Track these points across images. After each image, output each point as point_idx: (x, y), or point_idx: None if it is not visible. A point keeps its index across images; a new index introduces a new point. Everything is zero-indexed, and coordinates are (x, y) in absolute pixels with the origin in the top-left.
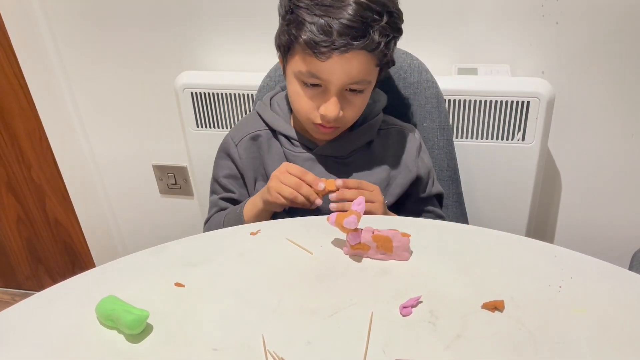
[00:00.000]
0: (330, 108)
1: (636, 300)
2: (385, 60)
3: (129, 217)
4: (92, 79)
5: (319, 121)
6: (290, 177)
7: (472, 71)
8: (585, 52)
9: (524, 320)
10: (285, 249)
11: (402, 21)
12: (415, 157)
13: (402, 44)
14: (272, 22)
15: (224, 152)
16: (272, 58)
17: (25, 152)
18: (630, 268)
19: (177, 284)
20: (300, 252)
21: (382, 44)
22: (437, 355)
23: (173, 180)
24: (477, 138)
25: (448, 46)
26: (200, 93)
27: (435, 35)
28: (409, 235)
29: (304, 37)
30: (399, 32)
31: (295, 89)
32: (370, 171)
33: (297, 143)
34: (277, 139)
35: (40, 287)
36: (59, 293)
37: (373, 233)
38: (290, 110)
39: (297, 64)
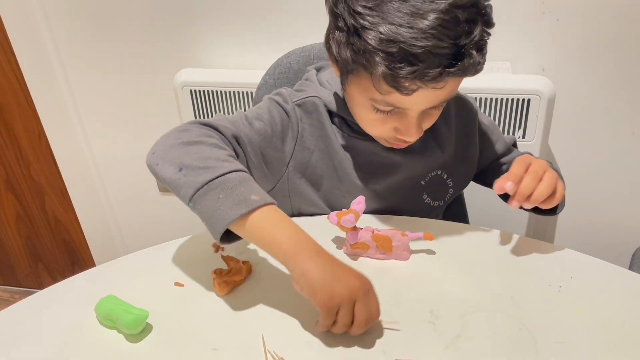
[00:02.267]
0: (412, 132)
1: (636, 300)
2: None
3: (128, 215)
4: (91, 77)
5: (394, 141)
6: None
7: None
8: (586, 50)
9: (524, 320)
10: None
11: (491, 11)
12: (477, 128)
13: None
14: (272, 20)
15: (279, 103)
16: (272, 55)
17: (24, 150)
18: (631, 266)
19: (177, 284)
20: None
21: (482, 60)
22: (437, 355)
23: None
24: None
25: None
26: (199, 91)
27: None
28: (407, 235)
29: (380, 69)
30: (491, 26)
31: (363, 111)
32: (438, 149)
33: (355, 126)
34: (331, 120)
35: (39, 284)
36: (58, 292)
37: (373, 233)
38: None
39: (368, 89)
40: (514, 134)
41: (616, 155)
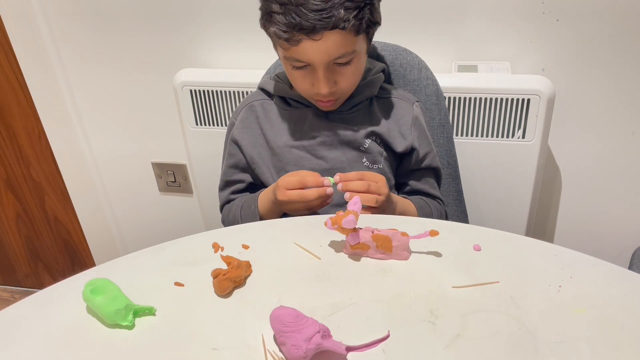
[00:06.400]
0: (321, 85)
1: (636, 300)
2: (363, 28)
3: (128, 214)
4: (91, 76)
5: (317, 97)
6: (292, 187)
7: (472, 68)
8: (586, 50)
9: (524, 320)
10: (285, 248)
11: None
12: (410, 126)
13: (402, 41)
14: None
15: (229, 134)
16: (271, 55)
17: (24, 150)
18: (631, 266)
19: (177, 284)
20: (300, 252)
21: (351, 18)
22: (437, 355)
23: (172, 178)
24: (477, 136)
25: (448, 43)
26: (199, 91)
27: (435, 32)
28: (408, 235)
29: (272, 28)
30: None
31: (288, 71)
32: (368, 130)
33: (294, 103)
34: (275, 104)
35: (39, 284)
36: (58, 292)
37: (372, 233)
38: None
39: (280, 50)
40: (513, 134)
41: (616, 155)
